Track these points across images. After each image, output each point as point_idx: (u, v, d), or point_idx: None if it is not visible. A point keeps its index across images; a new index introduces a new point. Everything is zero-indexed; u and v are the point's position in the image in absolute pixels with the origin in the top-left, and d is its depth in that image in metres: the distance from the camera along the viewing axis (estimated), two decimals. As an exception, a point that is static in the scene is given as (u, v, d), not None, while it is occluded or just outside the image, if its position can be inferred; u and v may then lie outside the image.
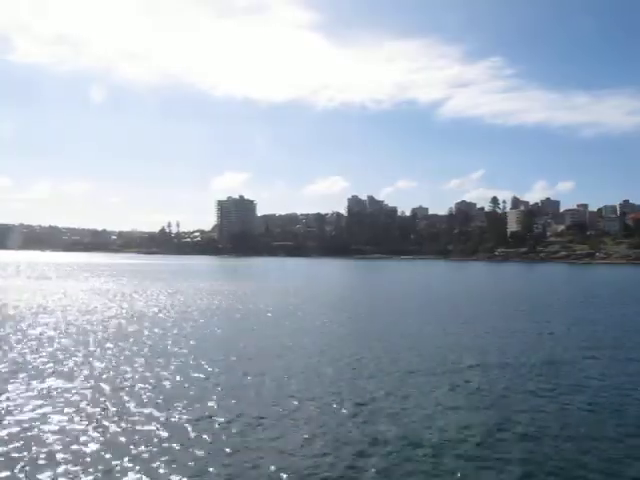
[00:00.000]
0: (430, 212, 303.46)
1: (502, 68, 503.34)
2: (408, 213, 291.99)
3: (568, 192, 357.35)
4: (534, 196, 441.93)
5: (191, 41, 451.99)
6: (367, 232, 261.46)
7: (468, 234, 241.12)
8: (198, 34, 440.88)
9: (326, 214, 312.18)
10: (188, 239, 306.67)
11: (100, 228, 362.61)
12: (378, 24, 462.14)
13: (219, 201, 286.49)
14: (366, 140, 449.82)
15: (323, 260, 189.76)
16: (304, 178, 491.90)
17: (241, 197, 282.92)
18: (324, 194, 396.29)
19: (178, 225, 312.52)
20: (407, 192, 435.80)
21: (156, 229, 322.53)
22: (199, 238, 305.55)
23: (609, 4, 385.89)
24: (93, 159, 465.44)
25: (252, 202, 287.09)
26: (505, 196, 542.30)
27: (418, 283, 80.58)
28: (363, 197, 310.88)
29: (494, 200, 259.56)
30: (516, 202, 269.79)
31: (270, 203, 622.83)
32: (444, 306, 43.96)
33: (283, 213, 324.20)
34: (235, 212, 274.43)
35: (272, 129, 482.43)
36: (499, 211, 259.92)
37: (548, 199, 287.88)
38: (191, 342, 24.73)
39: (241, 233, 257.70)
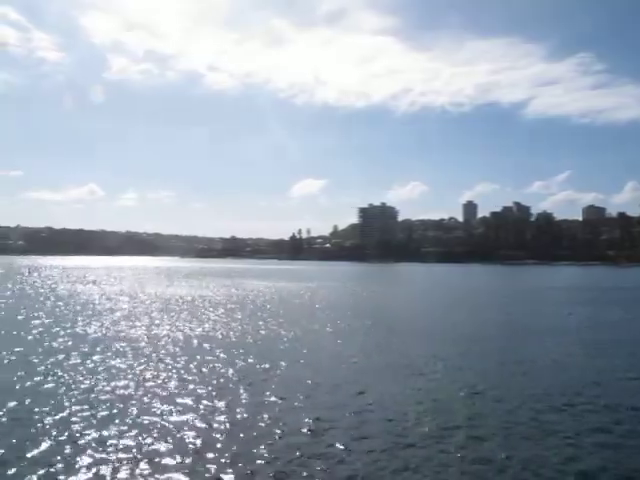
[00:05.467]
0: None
1: (591, 64, 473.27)
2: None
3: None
4: (623, 197, 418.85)
5: (271, 49, 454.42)
6: (511, 237, 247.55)
7: (632, 240, 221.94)
8: (278, 42, 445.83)
9: (442, 219, 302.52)
10: (317, 245, 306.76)
11: (189, 234, 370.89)
12: (456, 26, 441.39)
13: (361, 208, 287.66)
14: (446, 144, 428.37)
15: (480, 266, 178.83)
16: (383, 184, 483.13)
17: (383, 204, 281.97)
18: (403, 199, 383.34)
19: (309, 232, 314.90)
20: (488, 196, 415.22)
21: (246, 235, 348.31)
22: (328, 245, 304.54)
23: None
24: (176, 167, 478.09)
25: (394, 209, 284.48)
26: (591, 198, 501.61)
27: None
28: (477, 201, 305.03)
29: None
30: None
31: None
32: None
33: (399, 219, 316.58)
34: (379, 218, 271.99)
35: (351, 135, 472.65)
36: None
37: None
38: None
39: (388, 239, 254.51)
